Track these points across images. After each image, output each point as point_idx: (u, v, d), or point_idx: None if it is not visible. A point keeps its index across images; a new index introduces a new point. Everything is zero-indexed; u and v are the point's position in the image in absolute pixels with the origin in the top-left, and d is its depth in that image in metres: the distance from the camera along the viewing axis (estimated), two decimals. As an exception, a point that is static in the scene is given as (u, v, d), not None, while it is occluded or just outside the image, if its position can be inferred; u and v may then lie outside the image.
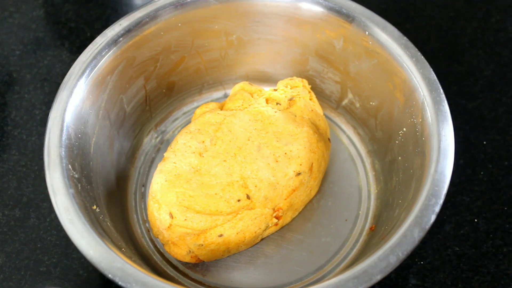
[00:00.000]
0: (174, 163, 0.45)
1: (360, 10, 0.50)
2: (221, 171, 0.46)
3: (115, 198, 0.51)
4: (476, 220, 0.53)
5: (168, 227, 0.44)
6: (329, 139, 0.53)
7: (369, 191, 0.53)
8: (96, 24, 0.67)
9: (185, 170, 0.45)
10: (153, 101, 0.56)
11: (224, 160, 0.46)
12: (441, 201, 0.40)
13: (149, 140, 0.57)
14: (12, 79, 0.62)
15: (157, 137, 0.57)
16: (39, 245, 0.51)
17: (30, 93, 0.61)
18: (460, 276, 0.50)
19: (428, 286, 0.50)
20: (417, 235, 0.38)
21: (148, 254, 0.50)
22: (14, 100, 0.60)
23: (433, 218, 0.39)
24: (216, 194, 0.44)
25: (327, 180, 0.53)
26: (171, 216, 0.44)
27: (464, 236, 0.52)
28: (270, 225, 0.48)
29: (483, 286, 0.50)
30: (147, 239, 0.50)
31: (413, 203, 0.41)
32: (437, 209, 0.40)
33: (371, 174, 0.54)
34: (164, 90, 0.56)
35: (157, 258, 0.50)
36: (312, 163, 0.48)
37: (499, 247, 0.52)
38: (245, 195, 0.45)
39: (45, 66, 0.63)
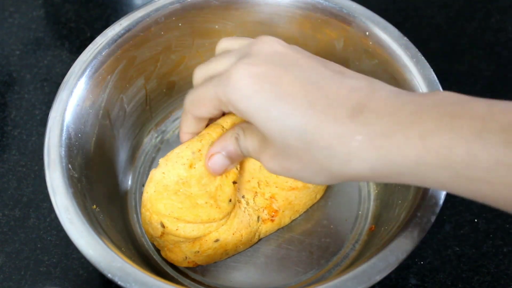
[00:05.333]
0: (163, 173, 0.43)
1: (360, 11, 0.49)
2: (211, 180, 0.45)
3: (115, 198, 0.51)
4: (476, 220, 0.53)
5: (161, 235, 0.44)
6: None
7: (369, 192, 0.53)
8: (96, 24, 0.67)
9: (173, 181, 0.43)
10: (154, 101, 0.56)
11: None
12: (441, 201, 0.40)
13: (149, 140, 0.57)
14: (12, 79, 0.62)
15: (157, 137, 0.57)
16: (39, 245, 0.51)
17: (30, 93, 0.61)
18: (460, 276, 0.50)
19: (428, 286, 0.50)
20: (417, 236, 0.38)
21: (148, 254, 0.50)
22: (14, 100, 0.60)
23: (433, 219, 0.39)
24: (206, 202, 0.43)
25: None
26: (163, 226, 0.43)
27: (464, 236, 0.52)
28: (263, 216, 0.47)
29: (483, 286, 0.50)
30: (147, 239, 0.50)
31: (413, 204, 0.41)
32: (437, 210, 0.40)
33: None
34: (164, 90, 0.56)
35: (157, 258, 0.49)
36: None
37: (499, 247, 0.52)
38: (231, 183, 0.44)
39: (45, 66, 0.63)
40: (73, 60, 0.47)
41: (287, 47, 0.35)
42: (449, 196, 0.54)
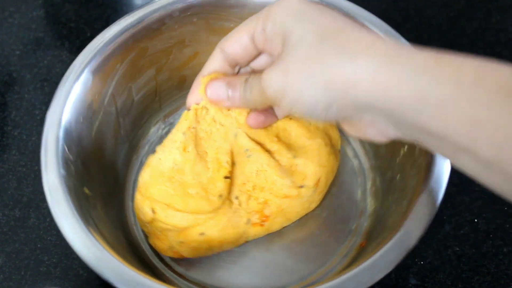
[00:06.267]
0: (160, 159, 0.45)
1: (366, 16, 0.49)
2: (204, 169, 0.45)
3: (113, 184, 0.51)
4: (476, 220, 0.53)
5: (150, 221, 0.45)
6: (339, 151, 0.52)
7: (366, 207, 0.52)
8: (96, 24, 0.67)
9: (168, 167, 0.44)
10: (163, 93, 0.56)
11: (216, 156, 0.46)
12: (430, 217, 0.39)
13: (156, 130, 0.57)
14: (12, 79, 0.62)
15: (164, 128, 0.57)
16: (39, 245, 0.51)
17: (30, 93, 0.61)
18: (460, 276, 0.50)
19: (428, 286, 0.50)
20: (395, 258, 0.38)
21: (137, 243, 0.50)
22: (14, 100, 0.60)
23: (413, 243, 0.38)
24: (197, 193, 0.44)
25: (326, 191, 0.52)
26: (153, 211, 0.44)
27: (464, 236, 0.52)
28: (254, 219, 0.47)
29: (483, 286, 0.50)
30: (138, 228, 0.51)
31: (399, 226, 0.40)
32: (420, 233, 0.39)
33: (371, 190, 0.53)
34: (175, 83, 0.56)
35: (145, 247, 0.50)
36: (320, 178, 0.47)
37: (499, 247, 0.52)
38: (223, 178, 0.45)
39: (45, 66, 0.63)
40: (73, 60, 0.47)
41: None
42: (449, 196, 0.54)
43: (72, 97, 0.44)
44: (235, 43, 0.39)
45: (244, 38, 0.39)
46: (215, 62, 0.42)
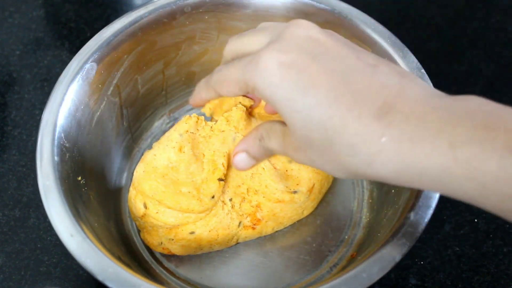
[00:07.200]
0: (154, 155, 0.45)
1: (368, 22, 0.48)
2: (199, 169, 0.45)
3: (110, 175, 0.51)
4: (476, 220, 0.53)
5: (142, 216, 0.45)
6: None
7: (360, 218, 0.51)
8: (96, 24, 0.67)
9: (163, 164, 0.45)
10: (171, 87, 0.56)
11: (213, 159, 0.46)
12: (409, 244, 0.38)
13: (160, 125, 0.57)
14: (12, 79, 0.62)
15: (168, 123, 0.57)
16: (39, 245, 0.51)
17: (30, 93, 0.61)
18: (460, 276, 0.50)
19: (428, 286, 0.50)
20: (375, 274, 0.37)
21: (130, 236, 0.50)
22: (14, 100, 0.60)
23: (397, 258, 0.37)
24: (189, 192, 0.44)
25: (322, 198, 0.52)
26: (145, 206, 0.44)
27: (464, 236, 0.52)
28: (246, 222, 0.47)
29: (483, 286, 0.50)
30: (132, 221, 0.51)
31: (385, 239, 0.39)
32: (405, 250, 0.38)
33: (367, 202, 0.52)
34: (183, 79, 0.56)
35: (137, 240, 0.50)
36: (314, 184, 0.47)
37: (499, 247, 0.52)
38: (217, 180, 0.45)
39: (45, 66, 0.63)
40: (74, 60, 0.47)
41: (321, 33, 0.34)
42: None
43: (74, 84, 0.44)
44: (229, 92, 0.37)
45: (237, 91, 0.36)
46: (209, 96, 0.39)
